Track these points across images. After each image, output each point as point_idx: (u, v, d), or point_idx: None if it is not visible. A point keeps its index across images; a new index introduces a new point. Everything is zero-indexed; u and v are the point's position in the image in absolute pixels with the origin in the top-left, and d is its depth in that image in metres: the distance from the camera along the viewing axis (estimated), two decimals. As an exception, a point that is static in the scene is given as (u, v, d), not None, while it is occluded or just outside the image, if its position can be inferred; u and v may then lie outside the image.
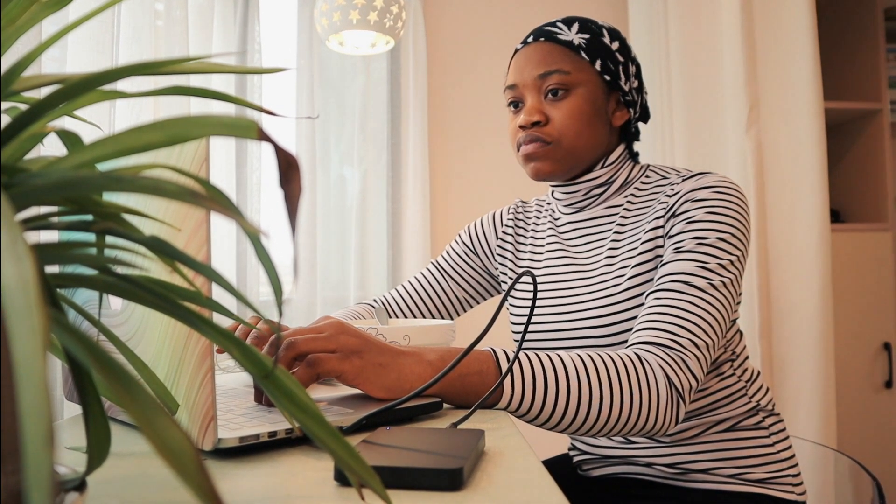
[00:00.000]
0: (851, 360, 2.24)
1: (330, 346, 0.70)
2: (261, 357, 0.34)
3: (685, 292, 0.87)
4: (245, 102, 0.38)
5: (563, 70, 1.01)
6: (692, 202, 0.94)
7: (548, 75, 1.02)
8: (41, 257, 0.31)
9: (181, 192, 0.27)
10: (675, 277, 0.89)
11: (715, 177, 0.96)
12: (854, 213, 2.51)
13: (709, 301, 0.87)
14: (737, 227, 0.92)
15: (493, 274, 1.23)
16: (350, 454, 0.34)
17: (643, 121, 1.12)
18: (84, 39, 1.59)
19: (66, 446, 0.55)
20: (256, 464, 0.52)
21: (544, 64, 1.03)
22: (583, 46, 1.03)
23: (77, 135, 0.37)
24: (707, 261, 0.89)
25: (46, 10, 0.38)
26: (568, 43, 1.03)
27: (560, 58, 1.02)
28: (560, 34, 1.04)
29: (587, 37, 1.03)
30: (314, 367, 0.68)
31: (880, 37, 2.42)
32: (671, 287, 0.89)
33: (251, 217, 2.24)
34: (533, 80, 1.03)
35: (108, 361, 0.25)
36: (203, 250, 0.47)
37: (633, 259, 0.97)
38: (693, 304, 0.87)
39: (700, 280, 0.88)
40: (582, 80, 1.02)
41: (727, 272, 0.89)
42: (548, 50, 1.03)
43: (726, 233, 0.91)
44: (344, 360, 0.69)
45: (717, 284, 0.88)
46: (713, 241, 0.90)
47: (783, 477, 1.00)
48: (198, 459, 0.23)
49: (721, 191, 0.94)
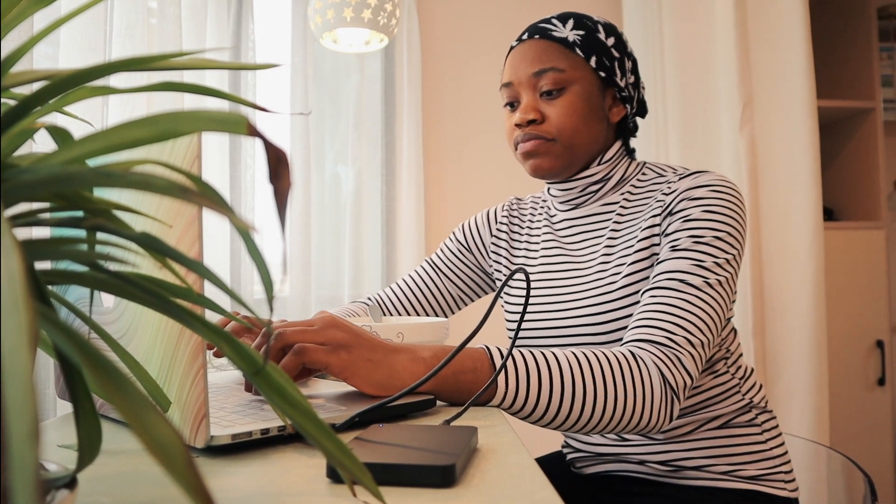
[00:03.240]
0: (844, 358, 2.25)
1: (318, 339, 0.70)
2: (252, 353, 0.34)
3: (681, 290, 0.88)
4: (238, 99, 0.38)
5: (557, 68, 1.01)
6: (689, 200, 0.94)
7: (543, 73, 1.02)
8: (31, 253, 0.31)
9: (172, 187, 0.27)
10: (671, 275, 0.89)
11: (712, 175, 0.96)
12: (847, 211, 2.52)
13: (704, 299, 0.87)
14: (733, 225, 0.92)
15: (488, 271, 1.23)
16: (342, 451, 0.34)
17: (640, 116, 1.12)
18: (76, 37, 1.59)
19: (57, 444, 0.55)
20: (249, 461, 0.52)
21: (539, 62, 1.02)
22: (577, 43, 1.02)
23: (67, 130, 0.37)
24: (703, 259, 0.89)
25: (37, 5, 0.38)
26: (563, 40, 1.03)
27: (555, 55, 1.02)
28: (555, 31, 1.04)
29: (582, 33, 1.03)
30: (300, 355, 0.68)
31: (873, 35, 2.43)
32: (667, 285, 0.89)
33: (244, 214, 2.23)
34: (528, 77, 1.03)
35: (98, 358, 0.25)
36: (195, 247, 0.46)
37: (630, 257, 0.97)
38: (689, 301, 0.87)
39: (696, 278, 0.88)
40: (577, 77, 1.02)
41: (723, 270, 0.90)
42: (542, 47, 1.03)
43: (723, 231, 0.91)
44: (331, 353, 0.69)
45: (712, 282, 0.88)
46: (709, 240, 0.91)
47: (776, 474, 1.00)
48: (187, 456, 0.23)
49: (718, 189, 0.94)
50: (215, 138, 2.12)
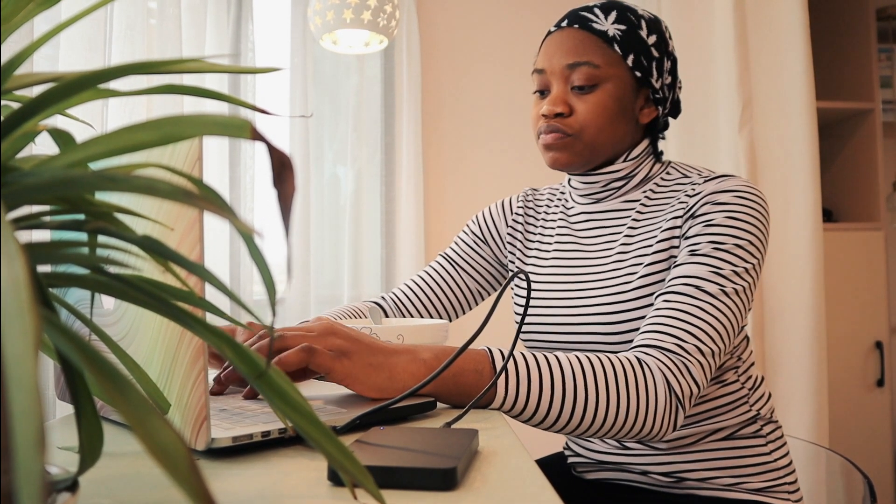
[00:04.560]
0: (843, 359, 2.25)
1: (318, 345, 0.70)
2: (254, 356, 0.34)
3: (695, 297, 0.85)
4: (239, 101, 0.38)
5: (592, 63, 0.98)
6: (712, 205, 0.91)
7: (577, 66, 0.98)
8: (33, 257, 0.31)
9: (174, 191, 0.27)
10: (687, 280, 0.87)
11: (738, 181, 0.93)
12: (846, 212, 2.53)
13: (719, 307, 0.85)
14: (756, 234, 0.90)
15: (503, 263, 1.19)
16: (343, 454, 0.34)
17: (673, 116, 1.09)
18: (77, 37, 1.59)
19: (58, 446, 0.55)
20: (250, 464, 0.52)
21: (575, 54, 0.98)
22: (617, 39, 0.98)
23: (69, 133, 0.37)
24: (722, 266, 0.87)
25: (38, 8, 0.38)
26: (602, 33, 0.99)
27: (592, 49, 0.98)
28: (595, 23, 0.99)
29: (623, 28, 0.99)
30: (308, 353, 0.67)
31: (872, 37, 2.43)
32: (682, 290, 0.86)
33: (244, 216, 2.23)
34: (561, 68, 0.99)
35: (99, 361, 0.25)
36: (196, 250, 0.46)
37: (647, 257, 0.95)
38: (702, 309, 0.84)
39: (712, 286, 0.86)
40: (611, 74, 0.98)
41: (741, 280, 0.87)
42: (580, 38, 0.99)
43: (744, 240, 0.89)
44: (335, 360, 0.69)
45: (728, 291, 0.86)
46: (730, 248, 0.88)
47: (780, 485, 0.99)
48: (190, 460, 0.23)
49: (743, 196, 0.91)
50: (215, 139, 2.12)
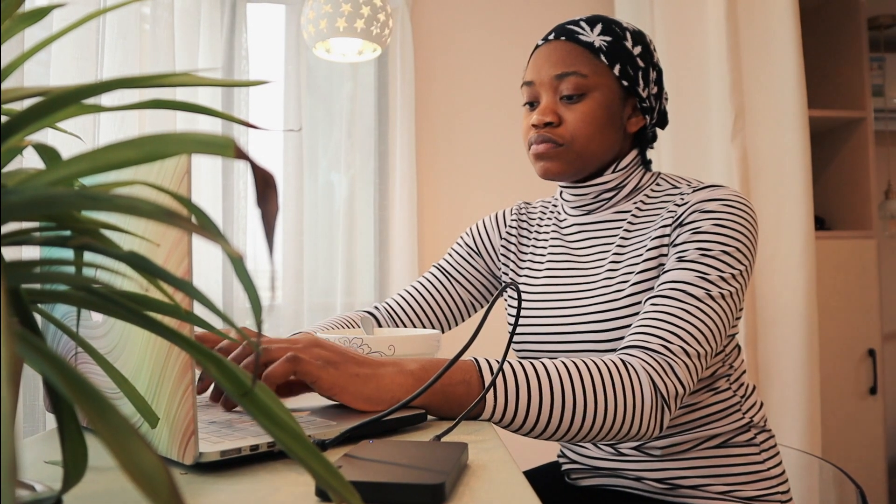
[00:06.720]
0: (836, 367, 2.26)
1: (304, 356, 0.70)
2: (239, 374, 0.34)
3: (682, 300, 0.87)
4: (229, 117, 0.37)
5: (580, 73, 1.00)
6: (700, 213, 0.93)
7: (565, 76, 1.01)
8: (16, 276, 0.31)
9: (158, 211, 0.27)
10: (674, 285, 0.89)
11: (726, 190, 0.95)
12: (839, 220, 2.53)
13: (705, 311, 0.86)
14: (743, 241, 0.92)
15: (497, 275, 1.21)
16: (330, 472, 0.34)
17: (660, 127, 1.11)
18: (69, 43, 1.58)
19: (45, 461, 0.55)
20: (238, 478, 0.52)
21: (563, 64, 1.01)
22: (603, 49, 1.01)
23: (55, 149, 0.37)
24: (708, 272, 0.89)
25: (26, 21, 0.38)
26: (589, 45, 1.02)
27: (579, 59, 1.01)
28: (581, 34, 1.02)
29: (609, 39, 1.02)
30: (293, 363, 0.68)
31: (864, 46, 2.45)
32: (668, 294, 0.88)
33: (238, 221, 2.23)
34: (550, 79, 1.02)
35: (78, 382, 0.25)
36: (183, 264, 0.46)
37: (637, 266, 0.96)
38: (688, 312, 0.86)
39: (698, 290, 0.87)
40: (599, 84, 1.01)
41: (728, 285, 0.89)
42: (567, 50, 1.02)
43: (731, 246, 0.90)
44: (321, 368, 0.69)
45: (715, 295, 0.87)
46: (717, 254, 0.90)
47: (773, 494, 0.99)
48: (171, 485, 0.23)
49: (730, 204, 0.93)
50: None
